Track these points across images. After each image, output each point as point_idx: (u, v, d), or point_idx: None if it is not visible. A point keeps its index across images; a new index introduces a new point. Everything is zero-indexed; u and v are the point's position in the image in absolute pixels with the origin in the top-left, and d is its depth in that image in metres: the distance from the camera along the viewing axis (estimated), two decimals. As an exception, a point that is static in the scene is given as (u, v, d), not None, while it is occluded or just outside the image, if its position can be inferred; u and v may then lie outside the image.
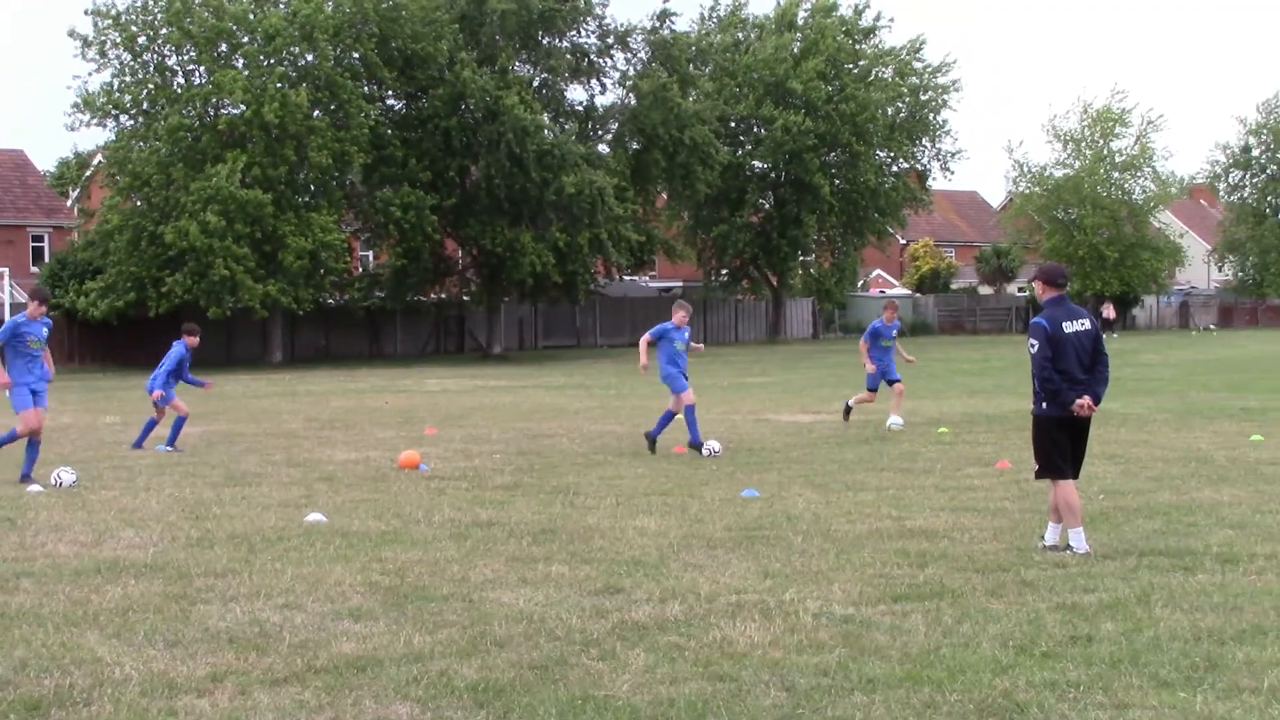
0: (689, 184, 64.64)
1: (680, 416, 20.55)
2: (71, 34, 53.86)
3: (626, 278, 75.06)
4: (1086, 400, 11.80)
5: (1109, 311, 79.41)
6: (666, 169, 63.20)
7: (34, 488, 16.83)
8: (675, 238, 73.57)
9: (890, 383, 24.11)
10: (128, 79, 54.04)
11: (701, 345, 22.77)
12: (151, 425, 22.57)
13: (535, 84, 61.01)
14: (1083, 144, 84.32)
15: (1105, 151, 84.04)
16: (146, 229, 51.99)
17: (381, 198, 56.40)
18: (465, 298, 65.61)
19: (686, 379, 20.31)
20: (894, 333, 24.21)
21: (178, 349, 22.14)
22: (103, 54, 53.97)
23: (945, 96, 78.32)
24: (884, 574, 11.03)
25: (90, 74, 62.20)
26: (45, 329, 18.02)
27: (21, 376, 17.67)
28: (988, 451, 19.95)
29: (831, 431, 23.60)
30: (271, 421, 27.69)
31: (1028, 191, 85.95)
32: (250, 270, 51.34)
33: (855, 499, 15.25)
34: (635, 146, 62.98)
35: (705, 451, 19.80)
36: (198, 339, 22.28)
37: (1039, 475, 12.25)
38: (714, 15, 76.96)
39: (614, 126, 63.95)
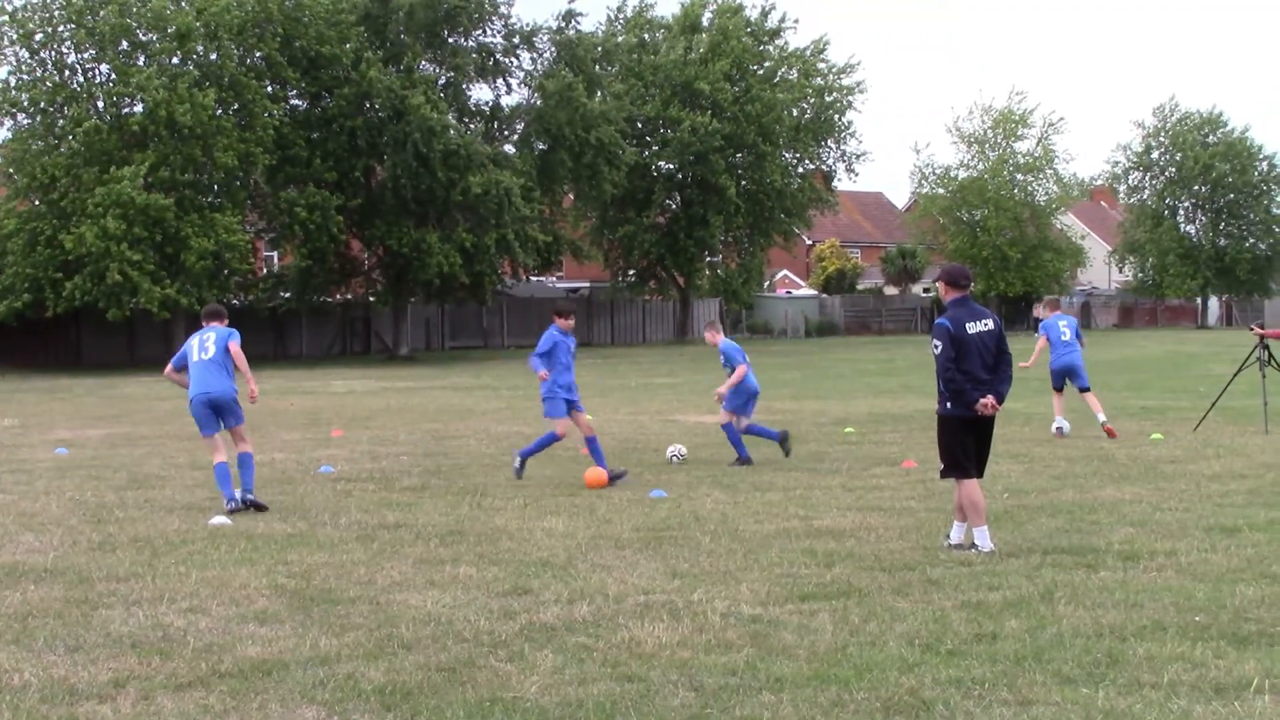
0: (595, 184, 64.60)
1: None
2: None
3: (534, 278, 74.96)
4: (990, 400, 11.91)
5: (1038, 311, 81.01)
6: (573, 169, 63.12)
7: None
8: (582, 238, 73.50)
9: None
10: (25, 77, 53.17)
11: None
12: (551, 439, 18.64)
13: (441, 84, 60.76)
14: (986, 145, 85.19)
15: (1008, 153, 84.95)
16: (44, 232, 51.14)
17: (286, 198, 55.92)
18: (371, 298, 65.19)
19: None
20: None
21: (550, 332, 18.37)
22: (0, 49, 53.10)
23: (849, 98, 78.73)
24: (791, 573, 11.08)
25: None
26: None
27: None
28: (894, 451, 20.11)
29: (738, 432, 23.65)
30: (174, 424, 27.38)
31: (931, 193, 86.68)
32: (149, 273, 50.66)
33: (763, 499, 15.31)
34: (541, 147, 62.85)
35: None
36: (571, 320, 18.40)
37: (944, 475, 12.35)
38: (621, 16, 76.98)
39: (520, 127, 63.81)
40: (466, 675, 8.26)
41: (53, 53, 53.41)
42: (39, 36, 52.85)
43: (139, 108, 52.34)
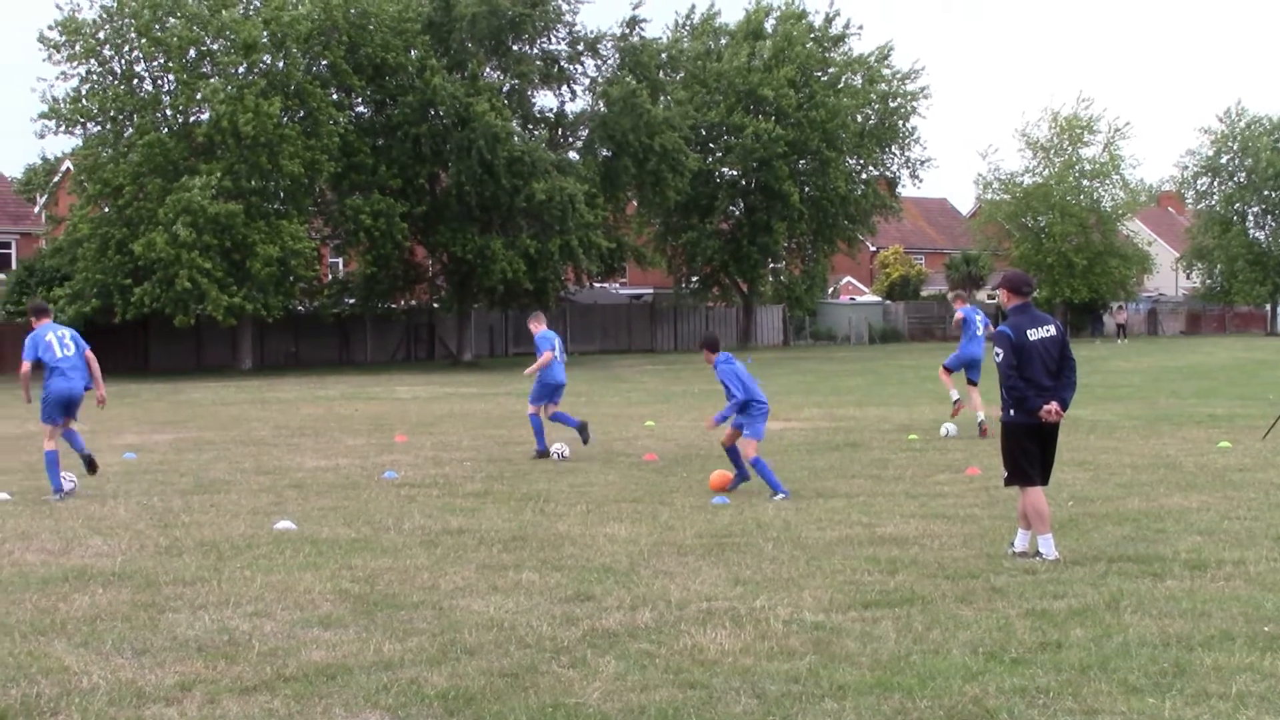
0: (659, 191, 64.58)
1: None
2: (41, 40, 53.51)
3: (597, 285, 75.01)
4: (1054, 406, 11.83)
5: (1121, 317, 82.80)
6: (636, 176, 63.13)
7: (0, 495, 16.76)
8: (645, 245, 73.50)
9: None
10: (94, 86, 53.73)
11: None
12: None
13: (505, 91, 60.91)
14: (1052, 151, 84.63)
15: (1074, 159, 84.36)
16: (114, 237, 51.75)
17: (351, 205, 56.23)
18: (435, 305, 65.46)
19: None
20: None
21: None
22: (70, 60, 53.65)
23: (914, 103, 78.42)
24: (854, 581, 11.04)
25: (55, 79, 62.04)
26: None
27: None
28: (958, 458, 20.00)
29: (802, 439, 23.63)
30: (241, 429, 27.60)
31: (996, 199, 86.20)
32: (217, 280, 51.10)
33: (826, 506, 15.27)
34: (605, 153, 62.87)
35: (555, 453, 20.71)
36: None
37: (1008, 482, 12.29)
38: (687, 23, 76.99)
39: (584, 133, 63.85)
40: (529, 681, 8.28)
41: (121, 63, 53.95)
42: (108, 49, 53.39)
43: (205, 116, 52.80)
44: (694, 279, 77.28)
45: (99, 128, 54.09)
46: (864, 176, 78.34)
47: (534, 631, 9.43)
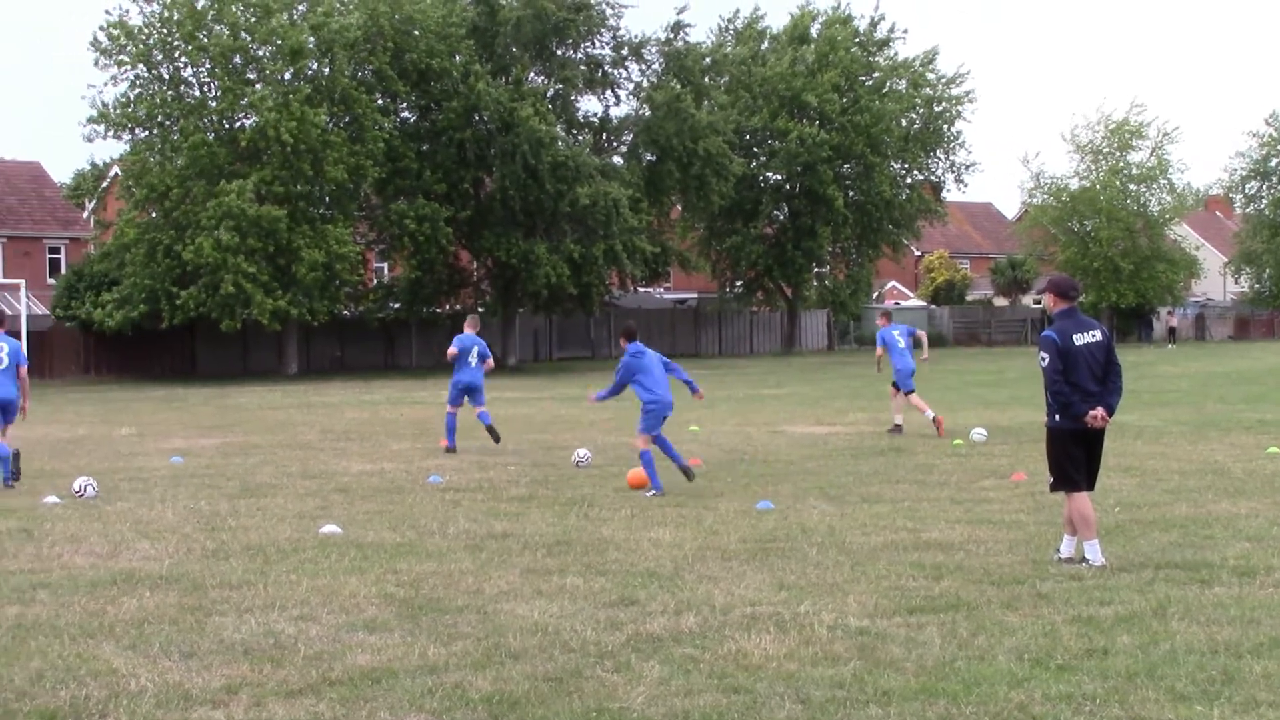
0: (703, 195, 64.59)
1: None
2: (94, 44, 53.89)
3: (641, 289, 75.04)
4: (1100, 412, 11.77)
5: (1173, 320, 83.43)
6: (681, 180, 63.17)
7: (50, 498, 16.88)
8: (690, 249, 73.60)
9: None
10: (142, 91, 54.08)
11: (491, 362, 23.97)
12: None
13: (549, 95, 61.04)
14: (1100, 156, 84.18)
15: (1121, 164, 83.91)
16: (162, 242, 52.10)
17: (396, 210, 56.46)
18: (480, 309, 65.64)
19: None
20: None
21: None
22: (119, 66, 54.01)
23: (959, 108, 78.24)
24: (899, 586, 11.02)
25: (105, 84, 62.54)
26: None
27: None
28: (1003, 464, 19.92)
29: (846, 443, 23.58)
30: (286, 433, 27.73)
31: (1042, 203, 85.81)
32: (263, 284, 51.37)
33: (870, 511, 15.24)
34: (649, 158, 62.92)
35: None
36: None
37: (1054, 488, 12.24)
38: (731, 27, 76.98)
39: (628, 138, 63.94)
40: (573, 685, 8.29)
41: (169, 68, 54.29)
42: (157, 54, 53.74)
43: (250, 122, 53.10)
44: (738, 283, 77.28)
45: (147, 133, 54.46)
46: (908, 181, 78.21)
47: (578, 636, 9.44)
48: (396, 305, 62.32)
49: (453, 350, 23.51)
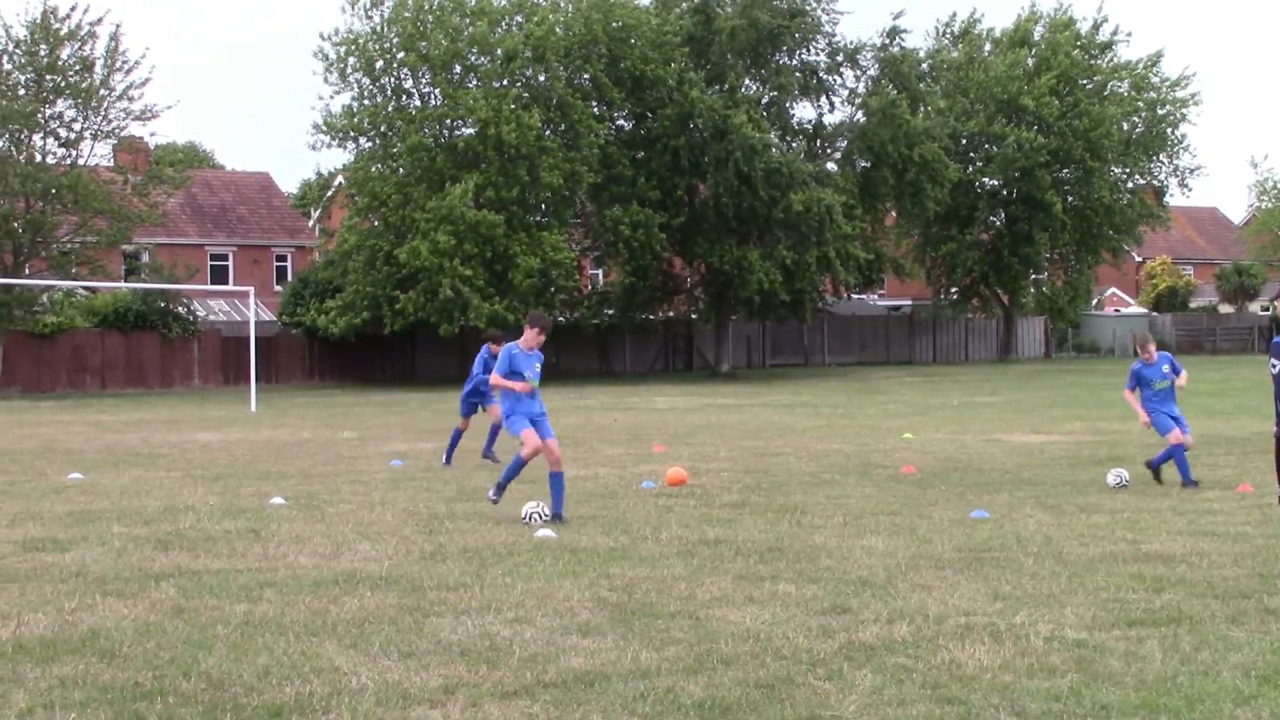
0: (918, 202, 64.12)
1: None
2: (318, 54, 55.38)
3: (855, 296, 74.66)
4: (1332, 423, 11.41)
5: None
6: (895, 187, 62.80)
7: (277, 499, 17.35)
8: (904, 256, 73.09)
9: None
10: (366, 102, 55.34)
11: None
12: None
13: (764, 103, 61.06)
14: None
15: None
16: (382, 249, 53.26)
17: (611, 216, 56.96)
18: (693, 316, 65.89)
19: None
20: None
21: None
22: (343, 77, 55.36)
23: (1184, 110, 76.39)
24: (1118, 598, 10.79)
25: (331, 96, 64.30)
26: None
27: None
28: (1228, 474, 19.39)
29: (1064, 452, 23.17)
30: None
31: (1272, 207, 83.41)
32: (479, 289, 52.14)
33: (1088, 521, 14.95)
34: (864, 164, 62.66)
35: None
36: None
37: (1282, 500, 11.90)
38: (947, 30, 76.17)
39: (842, 144, 63.72)
40: (785, 693, 8.27)
41: (391, 78, 55.47)
42: (380, 64, 54.94)
43: (469, 131, 53.98)
44: (953, 290, 76.51)
45: (370, 142, 55.72)
46: (1130, 186, 76.59)
47: (790, 643, 9.42)
48: (611, 312, 62.85)
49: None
